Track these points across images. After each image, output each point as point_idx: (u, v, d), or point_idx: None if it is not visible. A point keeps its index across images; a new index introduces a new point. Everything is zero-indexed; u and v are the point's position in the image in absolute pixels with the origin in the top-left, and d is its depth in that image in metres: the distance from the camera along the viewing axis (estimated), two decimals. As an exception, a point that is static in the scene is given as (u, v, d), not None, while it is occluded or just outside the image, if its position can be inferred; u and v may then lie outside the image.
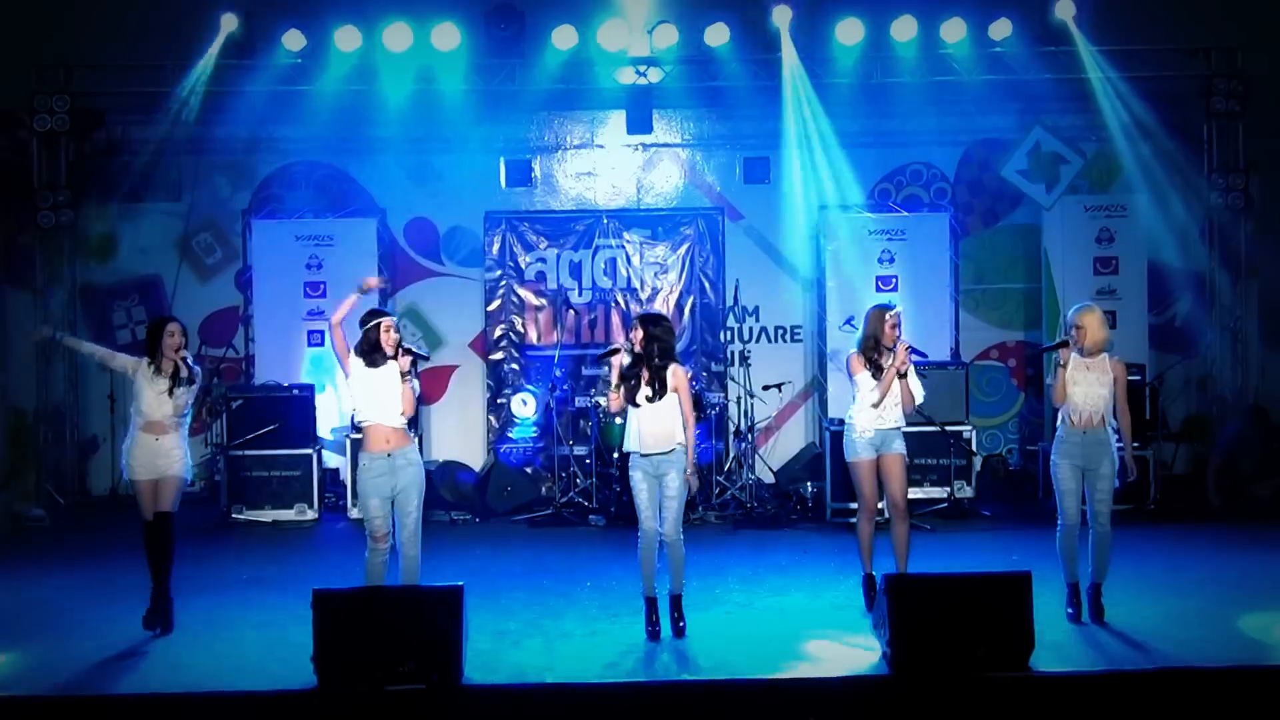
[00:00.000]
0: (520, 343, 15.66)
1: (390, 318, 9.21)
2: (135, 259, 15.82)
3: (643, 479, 9.18)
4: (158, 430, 9.51)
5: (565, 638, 9.26)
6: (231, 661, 8.78)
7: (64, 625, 9.73)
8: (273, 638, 9.27)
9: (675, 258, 15.63)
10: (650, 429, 9.20)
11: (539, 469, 15.27)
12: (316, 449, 14.18)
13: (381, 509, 8.96)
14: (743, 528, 13.31)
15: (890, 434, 9.78)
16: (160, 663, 8.80)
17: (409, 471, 8.98)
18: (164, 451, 9.49)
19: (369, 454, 9.02)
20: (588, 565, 11.67)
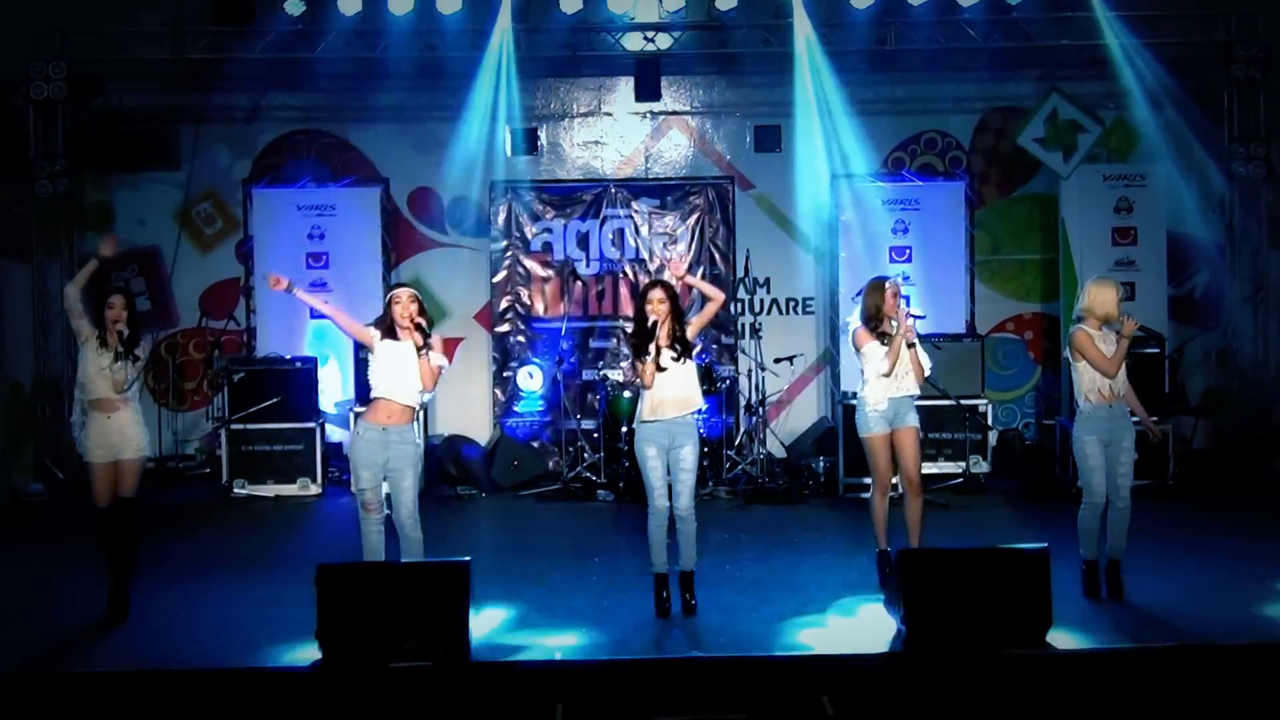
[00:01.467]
0: (527, 315, 15.64)
1: (406, 289, 9.12)
2: (134, 230, 15.78)
3: (655, 453, 9.15)
4: (107, 408, 9.35)
5: (574, 615, 9.27)
6: (234, 638, 8.80)
7: (62, 600, 9.74)
8: (276, 614, 9.29)
9: (685, 228, 15.58)
10: (671, 393, 9.15)
11: (546, 443, 15.27)
12: (319, 423, 14.18)
13: (372, 480, 8.92)
14: (754, 503, 13.30)
15: (903, 405, 9.77)
16: (161, 639, 8.83)
17: (402, 450, 8.93)
18: (118, 429, 9.35)
19: (365, 422, 9.00)
20: (596, 541, 11.68)
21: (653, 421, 9.18)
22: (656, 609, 9.19)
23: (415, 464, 9.03)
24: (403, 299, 9.01)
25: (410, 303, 9.00)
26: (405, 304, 8.98)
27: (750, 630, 8.86)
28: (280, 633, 8.79)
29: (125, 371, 9.32)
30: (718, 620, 9.06)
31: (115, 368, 9.29)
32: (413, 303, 9.00)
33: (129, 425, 9.37)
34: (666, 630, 8.93)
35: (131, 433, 9.37)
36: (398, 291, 9.09)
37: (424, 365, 8.89)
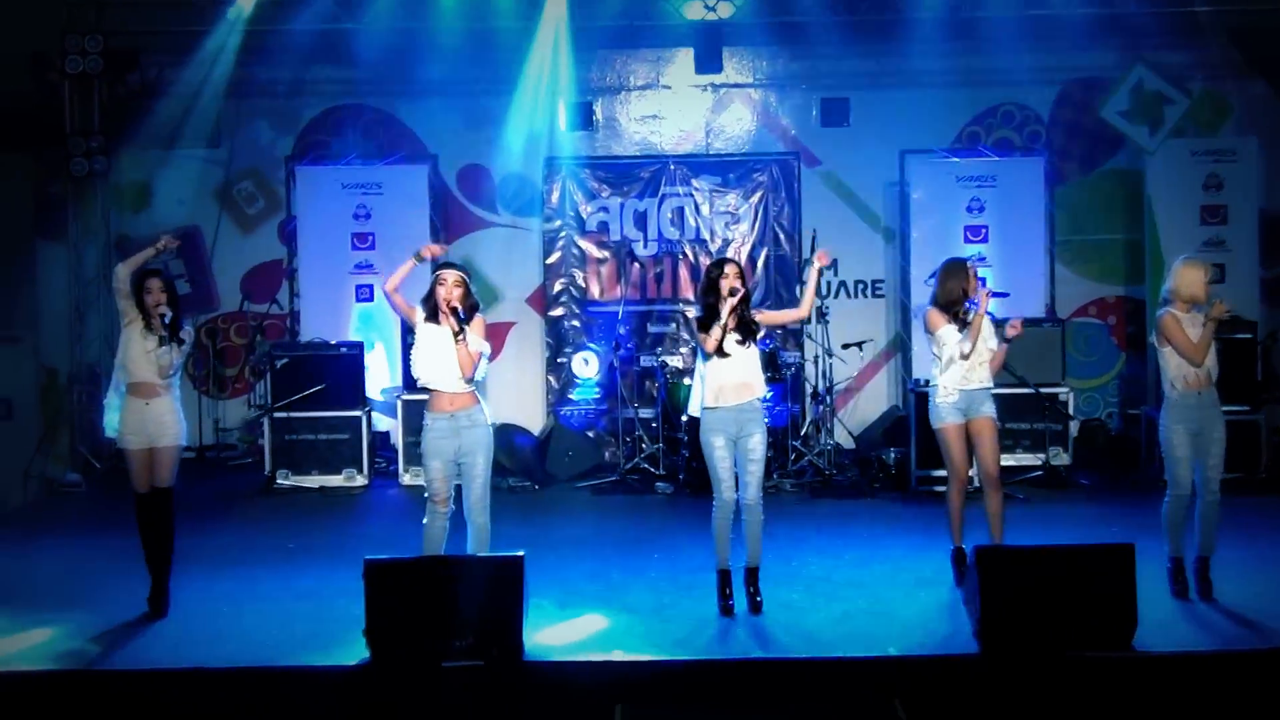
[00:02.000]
0: (581, 298, 15.66)
1: (454, 272, 9.07)
2: (173, 209, 15.90)
3: (722, 442, 9.13)
4: (147, 393, 9.40)
5: (632, 612, 9.28)
6: (278, 635, 8.85)
7: (100, 596, 9.80)
8: (321, 610, 9.35)
9: (747, 207, 15.56)
10: (734, 378, 9.13)
11: (602, 432, 15.30)
12: (366, 411, 14.25)
13: (442, 471, 8.95)
14: (821, 496, 13.28)
15: (978, 396, 9.72)
16: (202, 636, 8.88)
17: (473, 434, 8.96)
18: (155, 417, 9.40)
19: (431, 414, 9.01)
20: (655, 535, 11.70)
21: (718, 408, 9.15)
22: (720, 607, 9.19)
23: (487, 448, 9.03)
24: (448, 281, 8.99)
25: (455, 286, 8.97)
26: (449, 287, 8.97)
27: (818, 630, 8.84)
28: (326, 630, 8.84)
29: (170, 356, 9.37)
30: (783, 619, 9.04)
31: (160, 352, 9.35)
32: (457, 287, 8.97)
33: (167, 413, 9.43)
34: (730, 629, 8.91)
35: (169, 420, 9.42)
36: (444, 272, 9.06)
37: (461, 351, 8.89)
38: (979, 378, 9.71)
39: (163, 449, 9.43)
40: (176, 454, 9.51)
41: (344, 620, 8.77)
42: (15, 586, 10.22)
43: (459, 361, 8.92)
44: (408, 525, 11.45)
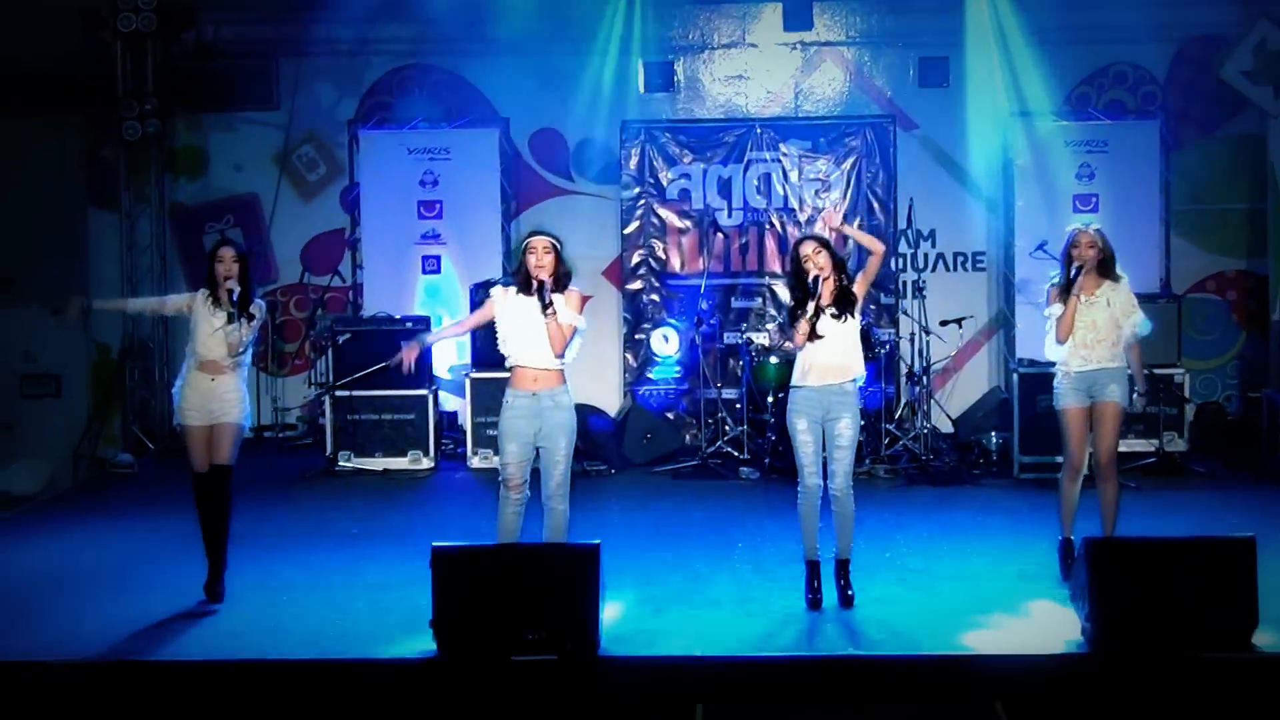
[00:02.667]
0: (661, 270, 15.66)
1: (543, 238, 8.97)
2: (229, 175, 16.05)
3: (807, 425, 9.09)
4: (213, 370, 9.41)
5: (714, 605, 9.27)
6: (339, 626, 8.90)
7: (153, 583, 9.93)
8: (386, 600, 9.40)
9: (839, 173, 15.49)
10: (826, 358, 9.06)
11: (682, 414, 15.30)
12: (433, 389, 14.31)
13: (519, 454, 8.92)
14: (916, 484, 13.23)
15: (1102, 377, 9.57)
16: (259, 626, 8.94)
17: (557, 416, 8.92)
18: (218, 395, 9.40)
19: (512, 390, 8.97)
20: (739, 523, 11.69)
21: (803, 387, 9.12)
22: (807, 600, 9.16)
23: (569, 432, 8.99)
24: (537, 249, 8.90)
25: (545, 254, 8.90)
26: (540, 255, 8.91)
27: (913, 626, 8.80)
28: (391, 621, 8.89)
29: (239, 333, 9.36)
30: (876, 614, 9.01)
31: (229, 329, 9.34)
32: (548, 254, 8.90)
33: (231, 391, 9.44)
34: (818, 624, 8.89)
35: (232, 399, 9.43)
36: (533, 240, 8.98)
37: (551, 326, 8.84)
38: (1099, 357, 9.57)
39: (223, 425, 9.44)
40: (238, 432, 9.52)
41: (409, 611, 8.82)
42: (65, 572, 10.35)
43: (549, 336, 8.86)
44: (477, 511, 11.52)
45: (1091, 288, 9.63)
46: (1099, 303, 9.61)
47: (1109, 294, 9.62)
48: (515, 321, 8.96)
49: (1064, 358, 9.64)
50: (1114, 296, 9.62)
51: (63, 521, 12.32)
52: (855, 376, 9.15)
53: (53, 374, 15.81)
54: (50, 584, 9.94)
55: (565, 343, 8.89)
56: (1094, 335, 9.56)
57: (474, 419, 14.02)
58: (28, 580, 10.05)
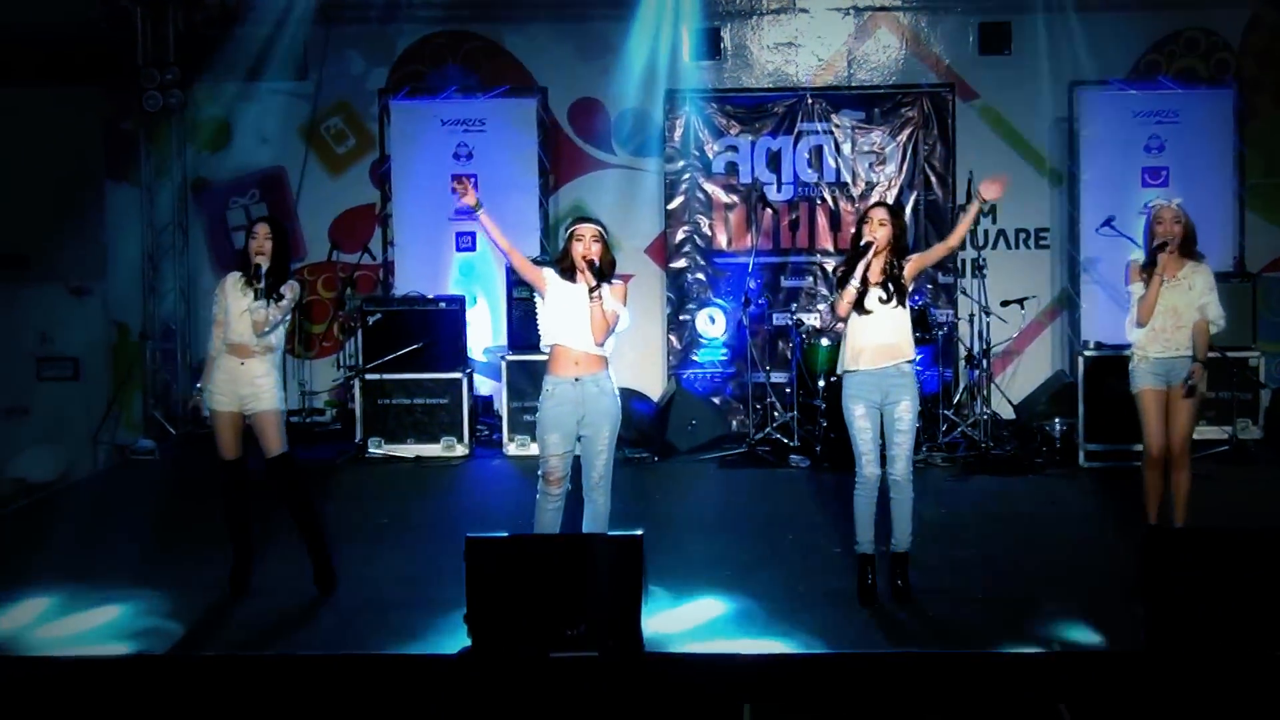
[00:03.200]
0: (707, 248, 15.65)
1: (591, 225, 9.04)
2: (254, 148, 16.08)
3: (864, 411, 9.07)
4: (242, 353, 9.37)
5: (763, 600, 9.26)
6: (370, 619, 8.94)
7: (177, 576, 9.98)
8: (418, 593, 9.44)
9: (894, 145, 15.45)
10: (878, 339, 9.03)
11: (729, 399, 15.31)
12: (467, 373, 14.34)
13: (561, 445, 8.95)
14: (975, 472, 13.19)
15: (1181, 365, 9.53)
16: (286, 620, 8.99)
17: (601, 403, 8.96)
18: (247, 379, 9.36)
19: (553, 377, 9.01)
20: (788, 514, 11.69)
21: (858, 372, 9.10)
22: (860, 595, 9.15)
23: (613, 420, 9.04)
24: (585, 236, 8.95)
25: (594, 241, 8.95)
26: (587, 242, 8.95)
27: (972, 623, 8.79)
28: (422, 615, 8.92)
29: (266, 313, 9.29)
30: (933, 609, 9.00)
31: (254, 307, 9.29)
32: (596, 242, 8.94)
33: (261, 376, 9.39)
34: (873, 620, 8.88)
35: (264, 384, 9.38)
36: (580, 226, 9.02)
37: (595, 310, 8.86)
38: (1180, 343, 9.51)
39: (262, 414, 9.39)
40: (279, 418, 9.46)
41: (442, 604, 8.85)
42: (82, 563, 10.40)
43: (592, 321, 8.90)
44: (513, 500, 11.55)
45: (1174, 269, 9.55)
46: (1181, 286, 9.55)
47: (1191, 276, 9.56)
48: (558, 305, 8.98)
49: (1142, 342, 9.59)
50: (1196, 279, 9.56)
51: (80, 510, 12.39)
52: (909, 358, 9.13)
53: (70, 356, 15.89)
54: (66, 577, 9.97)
55: (607, 332, 8.92)
56: (1174, 321, 9.50)
57: (510, 404, 14.05)
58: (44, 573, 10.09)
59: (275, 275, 9.40)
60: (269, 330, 9.37)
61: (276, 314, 9.38)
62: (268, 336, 9.40)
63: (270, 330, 9.39)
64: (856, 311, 9.04)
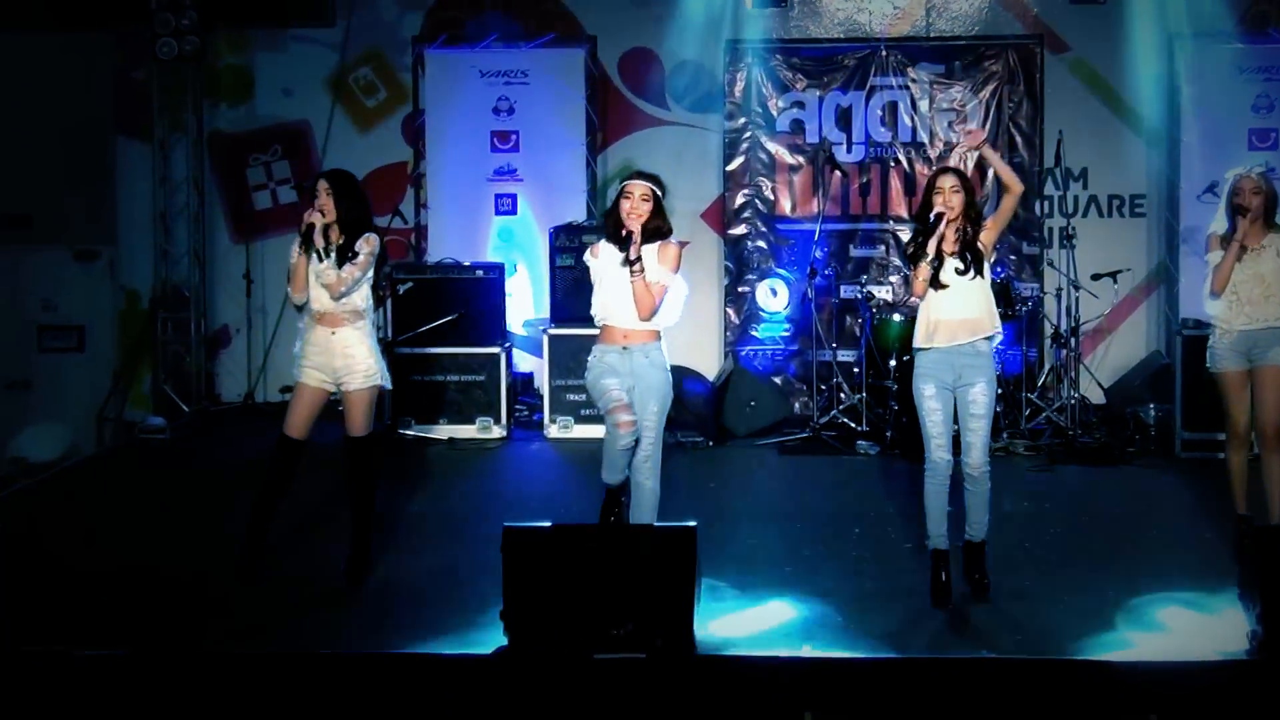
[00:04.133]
0: (769, 213, 15.62)
1: (641, 183, 9.00)
2: (277, 101, 16.12)
3: (934, 392, 9.04)
4: (331, 323, 9.40)
5: (826, 598, 9.26)
6: (401, 616, 8.98)
7: (189, 566, 10.03)
8: (450, 588, 9.48)
9: (976, 103, 15.38)
10: (956, 312, 8.99)
11: (791, 379, 15.29)
12: (506, 347, 14.36)
13: (621, 389, 8.96)
14: (1061, 462, 13.14)
15: (1265, 337, 9.54)
16: (304, 614, 9.04)
17: (650, 374, 8.98)
18: (341, 350, 9.38)
19: (601, 345, 9.07)
20: (856, 505, 11.70)
21: (930, 349, 9.06)
22: (933, 595, 9.13)
23: (662, 394, 9.06)
24: (634, 194, 8.93)
25: (643, 201, 8.92)
26: (635, 202, 8.92)
27: (1055, 626, 8.76)
28: (457, 610, 8.96)
29: (336, 274, 9.28)
30: (1013, 611, 8.99)
31: (321, 270, 9.30)
32: (645, 201, 8.91)
33: (355, 345, 9.41)
34: (947, 622, 8.88)
35: (358, 354, 9.41)
36: (630, 184, 9.00)
37: (637, 285, 8.83)
38: (1267, 315, 9.51)
39: (353, 392, 9.45)
40: (371, 396, 9.52)
41: (477, 599, 8.88)
42: (85, 550, 10.46)
43: (635, 297, 8.91)
44: (555, 487, 11.61)
45: (1257, 237, 9.57)
46: (1267, 253, 9.55)
47: (1277, 243, 9.54)
48: (604, 276, 8.98)
49: (1224, 314, 9.60)
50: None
51: (84, 491, 12.48)
52: (990, 333, 9.08)
53: (75, 325, 15.96)
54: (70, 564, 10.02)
55: (654, 307, 8.90)
56: (1261, 290, 9.51)
57: (552, 381, 14.05)
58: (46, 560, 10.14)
59: (349, 231, 9.39)
60: (346, 292, 9.36)
61: (354, 273, 9.34)
62: (351, 299, 9.40)
63: (349, 292, 9.38)
64: (932, 287, 9.00)
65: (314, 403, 9.51)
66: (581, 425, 13.78)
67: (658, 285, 8.89)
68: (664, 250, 8.99)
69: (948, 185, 9.03)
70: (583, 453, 12.34)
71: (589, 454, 9.98)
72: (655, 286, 8.89)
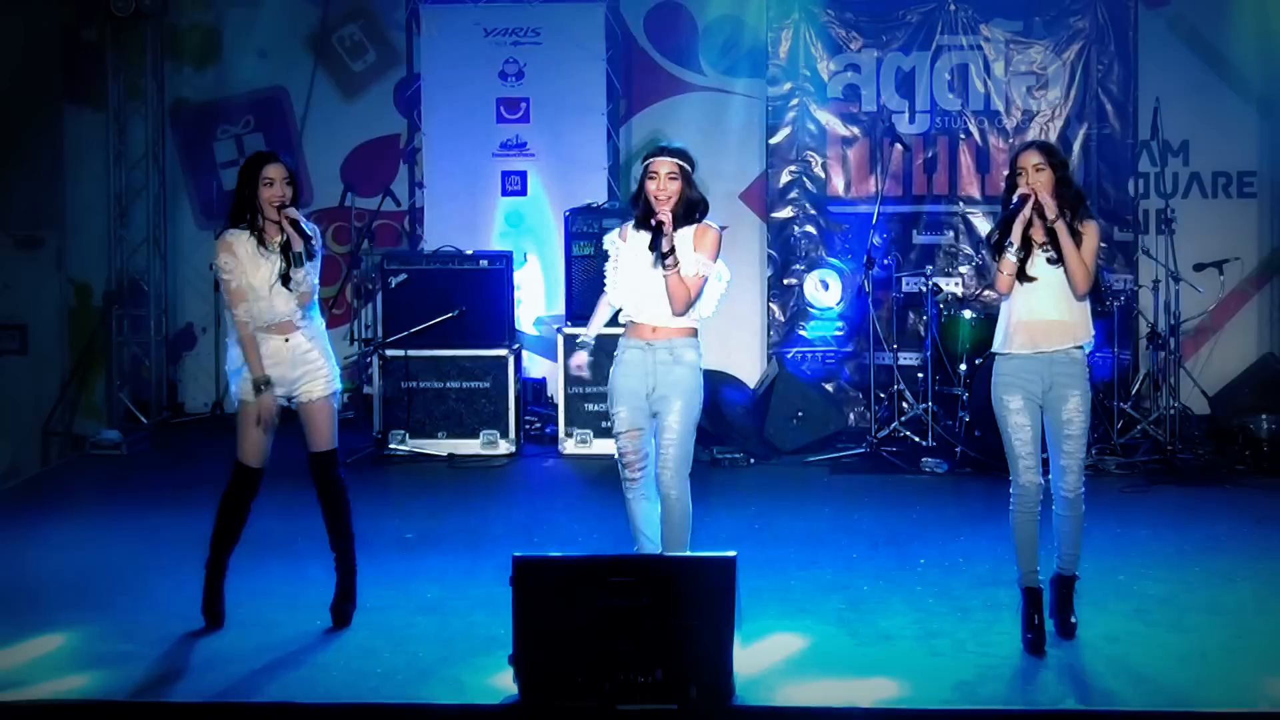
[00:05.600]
0: (819, 194, 15.62)
1: (667, 160, 8.94)
2: (250, 64, 16.17)
3: (1022, 405, 8.95)
4: (284, 330, 9.26)
5: (888, 641, 9.23)
6: (390, 661, 8.93)
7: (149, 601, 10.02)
8: (451, 627, 9.44)
9: (1059, 65, 15.37)
10: (1046, 312, 8.89)
11: (845, 385, 15.29)
12: (514, 349, 14.38)
13: (629, 420, 8.97)
14: (1159, 482, 13.13)
15: None
16: (285, 659, 9.00)
17: (674, 372, 8.93)
18: (299, 357, 9.28)
19: (626, 339, 9.05)
20: (921, 533, 11.67)
21: (1014, 356, 8.99)
22: (1026, 641, 9.00)
23: (688, 393, 8.97)
24: (659, 173, 8.87)
25: (670, 180, 8.87)
26: (662, 181, 8.87)
27: (1156, 671, 8.70)
28: (457, 655, 8.92)
29: (310, 280, 9.21)
30: (1107, 653, 8.93)
31: (300, 280, 9.17)
32: (673, 180, 8.86)
33: (311, 349, 9.34)
34: (1031, 668, 8.81)
35: (316, 360, 9.34)
36: (654, 161, 8.94)
37: (671, 281, 8.77)
38: None
39: (316, 402, 9.38)
40: (335, 405, 9.49)
41: (482, 641, 8.88)
42: (29, 581, 10.46)
43: (669, 292, 8.87)
44: (572, 511, 11.56)
45: None
46: None
47: None
48: (631, 266, 8.94)
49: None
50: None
51: (28, 515, 12.46)
52: (1083, 340, 9.01)
53: (16, 324, 15.96)
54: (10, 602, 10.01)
55: (690, 301, 8.87)
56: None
57: (568, 389, 14.04)
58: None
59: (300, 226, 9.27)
60: (313, 296, 9.34)
61: (313, 274, 9.28)
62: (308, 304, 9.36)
63: (312, 294, 9.34)
64: (1019, 280, 8.90)
65: (272, 422, 9.38)
66: (602, 440, 13.75)
67: (694, 278, 8.84)
68: (701, 235, 8.95)
69: (1030, 164, 8.91)
70: (603, 471, 12.29)
71: (610, 472, 9.92)
72: (692, 280, 8.84)
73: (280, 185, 9.18)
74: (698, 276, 8.85)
